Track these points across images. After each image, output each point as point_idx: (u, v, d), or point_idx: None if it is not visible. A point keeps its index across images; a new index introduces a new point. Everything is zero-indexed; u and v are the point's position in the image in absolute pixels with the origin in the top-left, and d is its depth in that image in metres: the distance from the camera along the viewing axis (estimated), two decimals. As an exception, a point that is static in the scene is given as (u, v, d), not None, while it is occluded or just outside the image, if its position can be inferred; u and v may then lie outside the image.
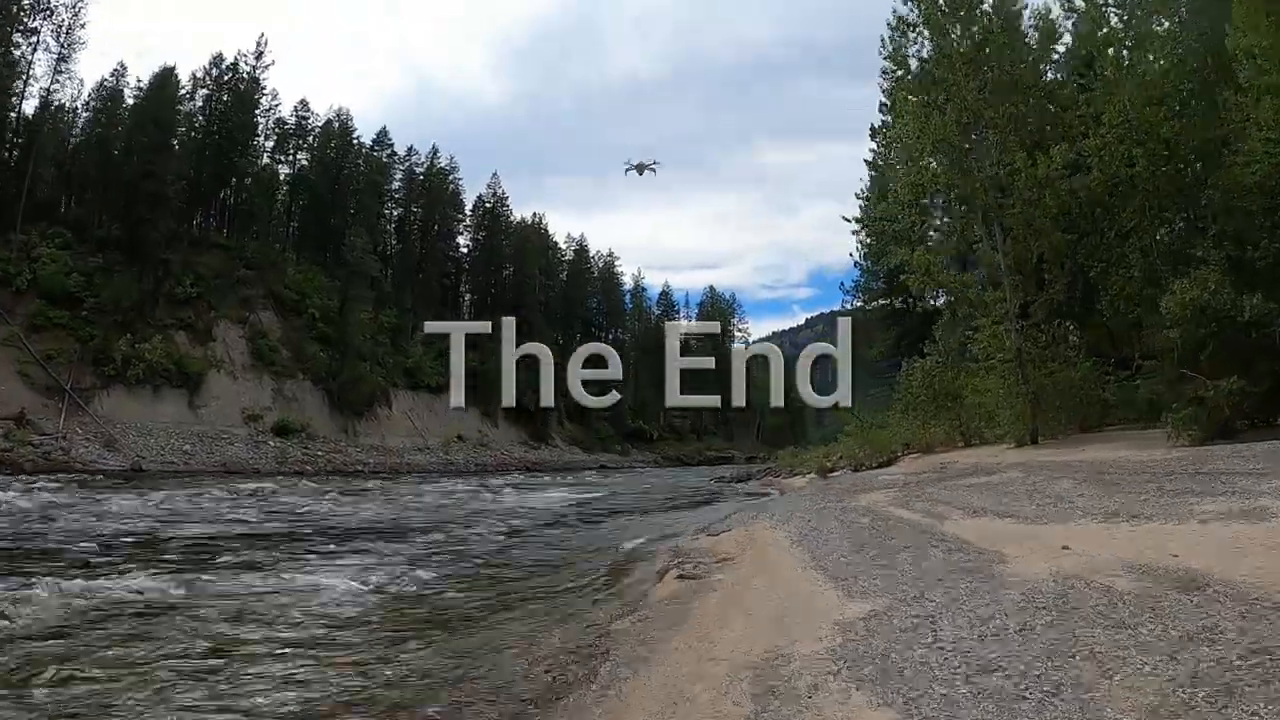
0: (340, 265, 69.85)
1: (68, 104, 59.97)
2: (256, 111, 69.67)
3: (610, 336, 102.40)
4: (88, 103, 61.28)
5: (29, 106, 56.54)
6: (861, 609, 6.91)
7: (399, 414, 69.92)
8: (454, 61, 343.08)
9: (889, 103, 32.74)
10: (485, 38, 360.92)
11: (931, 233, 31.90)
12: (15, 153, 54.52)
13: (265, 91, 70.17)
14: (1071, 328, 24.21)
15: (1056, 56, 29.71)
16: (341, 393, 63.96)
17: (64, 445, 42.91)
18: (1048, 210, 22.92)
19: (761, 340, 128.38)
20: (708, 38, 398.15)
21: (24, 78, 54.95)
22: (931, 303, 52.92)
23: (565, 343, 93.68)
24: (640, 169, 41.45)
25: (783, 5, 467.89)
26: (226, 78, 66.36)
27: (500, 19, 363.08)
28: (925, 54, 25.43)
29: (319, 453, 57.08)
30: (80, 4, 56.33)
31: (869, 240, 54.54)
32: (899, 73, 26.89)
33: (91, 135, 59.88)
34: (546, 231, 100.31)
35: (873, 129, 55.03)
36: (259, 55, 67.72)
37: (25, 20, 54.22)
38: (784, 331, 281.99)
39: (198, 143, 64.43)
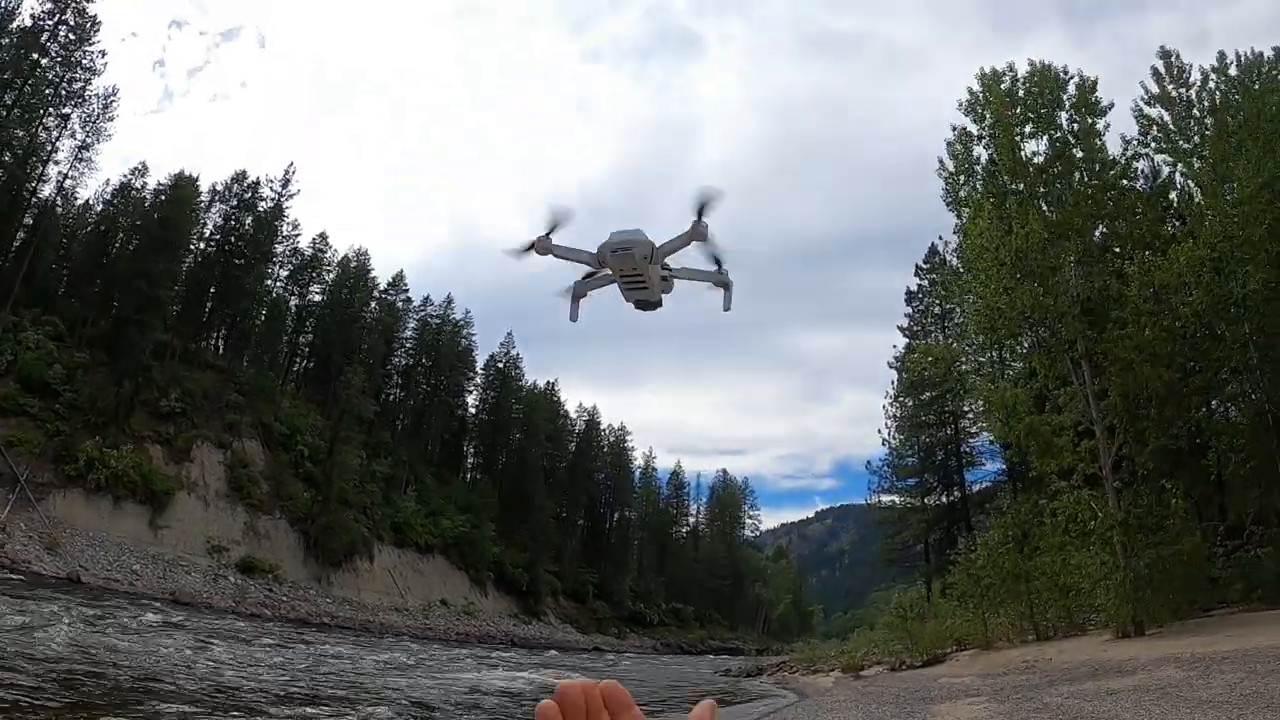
0: (337, 405, 66.54)
1: (88, 197, 59.35)
2: (275, 238, 68.06)
3: (615, 515, 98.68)
4: (106, 198, 60.30)
5: (47, 189, 55.42)
6: None
7: (380, 570, 65.26)
8: (499, 222, 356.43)
9: (952, 234, 29.92)
10: (533, 203, 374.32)
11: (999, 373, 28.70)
12: (20, 232, 52.67)
13: (287, 220, 69.04)
14: (1173, 488, 20.59)
15: (1139, 168, 27.17)
16: (320, 538, 59.52)
17: (0, 539, 38.61)
18: (1162, 332, 20.29)
19: (772, 530, 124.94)
20: (753, 225, 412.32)
21: (44, 162, 53.76)
22: (970, 487, 50.08)
23: (569, 514, 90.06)
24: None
25: (833, 199, 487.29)
26: (247, 196, 64.83)
27: (555, 187, 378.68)
28: (990, 167, 23.20)
29: (284, 597, 52.22)
30: (112, 97, 55.86)
31: (902, 414, 51.81)
32: (963, 190, 24.29)
33: (98, 229, 57.82)
34: (558, 399, 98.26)
35: (909, 293, 53.35)
36: (285, 183, 66.75)
37: (57, 105, 53.38)
38: (794, 523, 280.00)
39: (208, 258, 62.58)
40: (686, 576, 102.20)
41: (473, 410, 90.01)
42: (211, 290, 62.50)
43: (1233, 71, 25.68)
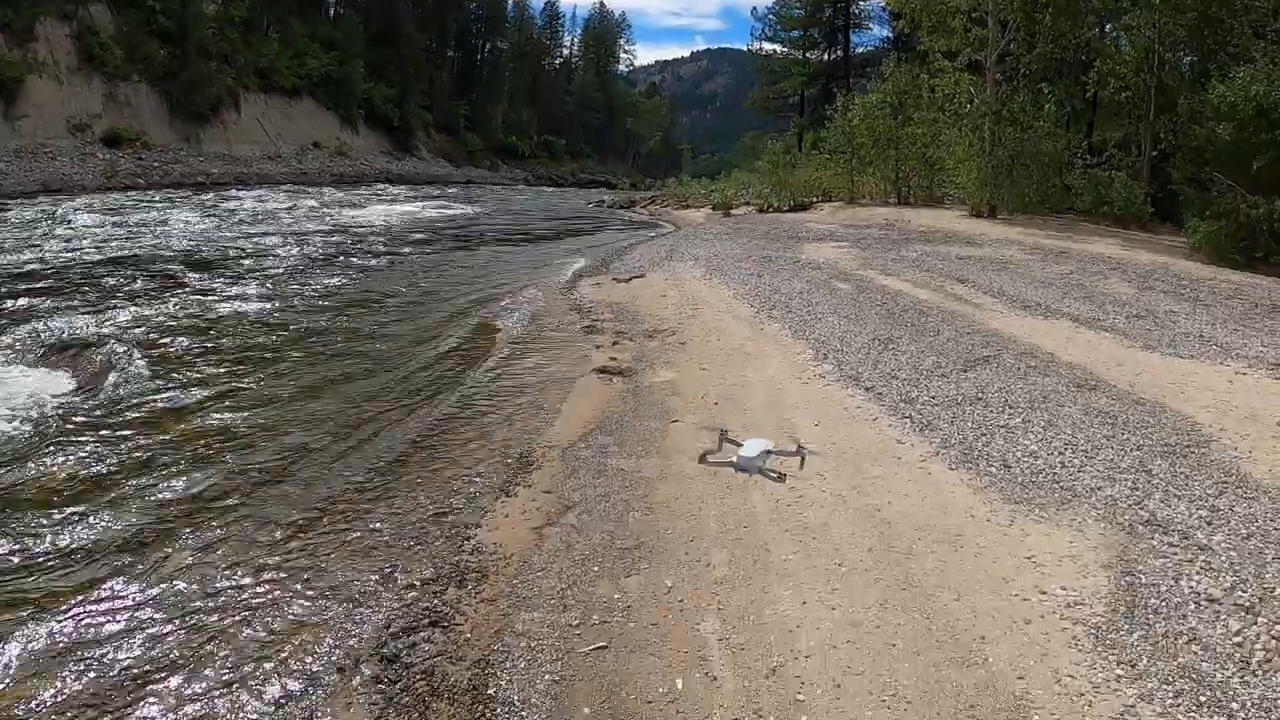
0: (184, -55, 61.18)
1: None
2: None
3: (488, 45, 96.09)
4: None
5: None
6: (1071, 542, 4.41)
7: (249, 120, 64.78)
8: None
9: None
10: None
11: None
12: None
13: None
14: (1049, 93, 22.52)
15: None
16: (183, 95, 58.25)
17: None
18: None
19: (647, 67, 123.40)
20: None
21: None
22: (853, 49, 50.47)
23: (439, 45, 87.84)
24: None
25: None
26: None
27: None
28: None
29: (155, 164, 52.37)
30: None
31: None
32: None
33: None
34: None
35: None
36: None
37: None
38: (670, 61, 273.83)
39: None
40: (559, 109, 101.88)
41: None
42: None
43: None
